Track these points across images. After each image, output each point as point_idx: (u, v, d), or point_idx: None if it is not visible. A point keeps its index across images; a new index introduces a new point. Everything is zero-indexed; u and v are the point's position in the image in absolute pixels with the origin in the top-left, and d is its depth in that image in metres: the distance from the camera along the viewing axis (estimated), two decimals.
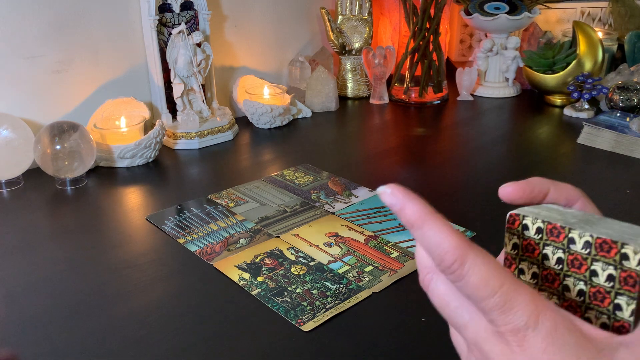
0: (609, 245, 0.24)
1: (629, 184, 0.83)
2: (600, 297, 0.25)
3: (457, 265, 0.23)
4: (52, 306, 0.57)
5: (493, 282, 0.23)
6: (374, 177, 0.88)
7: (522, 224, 0.28)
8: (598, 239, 0.25)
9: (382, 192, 0.26)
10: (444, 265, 0.24)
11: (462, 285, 0.24)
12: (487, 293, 0.23)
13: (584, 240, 0.25)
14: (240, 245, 0.68)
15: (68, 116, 0.96)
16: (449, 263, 0.24)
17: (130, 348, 0.51)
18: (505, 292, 0.23)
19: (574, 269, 0.26)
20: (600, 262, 0.25)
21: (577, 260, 0.26)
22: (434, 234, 0.24)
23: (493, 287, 0.23)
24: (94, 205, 0.80)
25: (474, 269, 0.23)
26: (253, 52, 1.21)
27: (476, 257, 0.24)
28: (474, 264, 0.23)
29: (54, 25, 0.92)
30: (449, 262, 0.24)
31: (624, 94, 1.06)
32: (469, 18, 1.27)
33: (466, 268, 0.23)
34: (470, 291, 0.24)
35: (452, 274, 0.24)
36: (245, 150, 1.01)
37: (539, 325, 0.23)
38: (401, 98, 1.27)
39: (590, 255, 0.25)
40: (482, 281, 0.23)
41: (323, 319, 0.54)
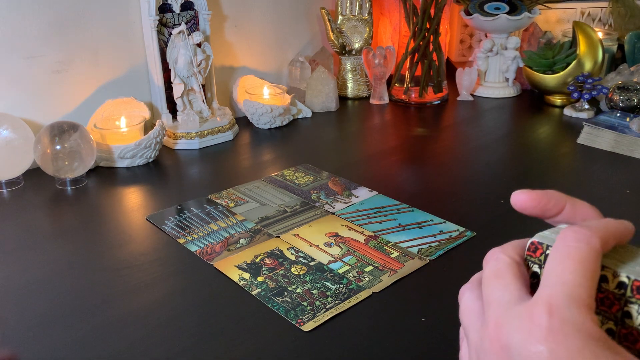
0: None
1: (629, 184, 0.83)
2: (632, 340, 0.24)
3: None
4: (52, 306, 0.57)
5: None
6: (374, 177, 0.88)
7: (546, 254, 0.26)
8: (636, 282, 0.24)
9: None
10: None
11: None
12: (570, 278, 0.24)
13: (617, 281, 0.24)
14: (241, 245, 0.68)
15: (68, 116, 0.96)
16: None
17: (130, 348, 0.51)
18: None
19: (603, 307, 0.25)
20: (636, 305, 0.24)
21: (608, 299, 0.25)
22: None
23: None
24: (94, 205, 0.80)
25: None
26: (253, 52, 1.21)
27: None
28: None
29: (54, 25, 0.92)
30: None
31: (624, 94, 1.06)
32: (469, 18, 1.27)
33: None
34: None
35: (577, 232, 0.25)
36: (245, 150, 1.01)
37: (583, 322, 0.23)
38: (401, 98, 1.27)
39: (624, 297, 0.24)
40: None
41: (323, 319, 0.54)
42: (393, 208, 0.76)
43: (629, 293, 0.24)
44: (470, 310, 0.28)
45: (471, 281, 0.30)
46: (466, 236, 0.69)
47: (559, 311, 0.22)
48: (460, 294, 0.29)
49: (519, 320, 0.23)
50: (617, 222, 0.27)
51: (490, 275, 0.27)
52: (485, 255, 0.28)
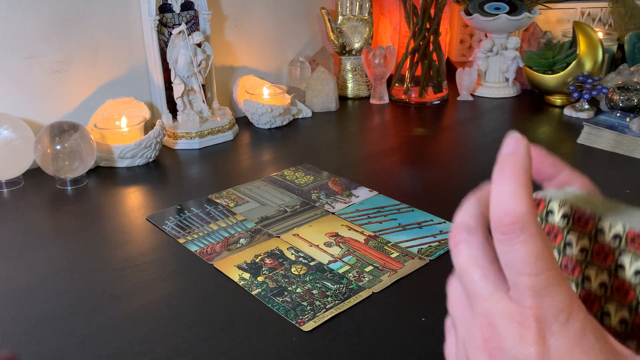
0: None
1: (629, 184, 0.83)
2: (624, 291, 0.24)
3: (518, 227, 0.22)
4: (52, 306, 0.57)
5: (543, 262, 0.22)
6: (374, 177, 0.88)
7: (548, 209, 0.26)
8: (631, 232, 0.24)
9: (511, 136, 0.25)
10: (503, 222, 0.22)
11: (510, 250, 0.22)
12: (532, 270, 0.22)
13: (614, 232, 0.24)
14: (241, 245, 0.68)
15: (68, 116, 0.96)
16: (510, 222, 0.22)
17: (131, 348, 0.51)
18: (550, 278, 0.22)
19: (599, 260, 0.25)
20: (629, 255, 0.24)
21: (603, 252, 0.25)
22: (514, 189, 0.22)
23: (541, 267, 0.22)
24: (94, 205, 0.80)
25: (531, 241, 0.22)
26: (253, 52, 1.21)
27: (537, 232, 0.22)
28: (533, 237, 0.22)
29: (54, 25, 0.92)
30: (510, 220, 0.22)
31: (624, 94, 1.06)
32: (469, 18, 1.27)
33: (523, 236, 0.22)
34: (516, 260, 0.22)
35: (505, 234, 0.22)
36: (245, 150, 1.01)
37: (569, 322, 0.22)
38: (401, 98, 1.27)
39: (618, 248, 0.24)
40: (533, 256, 0.22)
41: (323, 319, 0.54)
42: (393, 208, 0.76)
43: (624, 244, 0.24)
44: (457, 300, 0.27)
45: (461, 227, 0.28)
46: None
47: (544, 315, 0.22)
48: (448, 285, 0.28)
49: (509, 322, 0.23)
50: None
51: (465, 264, 0.25)
52: (450, 237, 0.26)
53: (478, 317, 0.24)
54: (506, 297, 0.23)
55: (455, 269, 0.26)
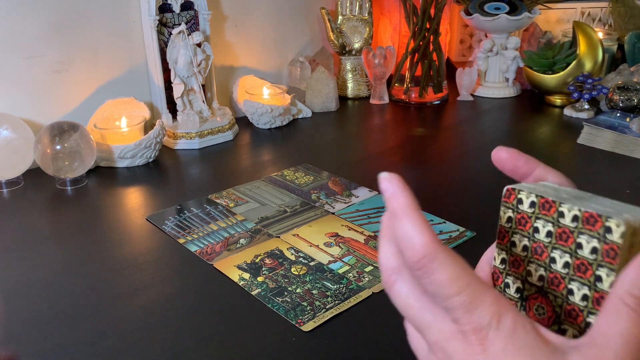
0: (594, 218, 0.25)
1: (629, 184, 0.83)
2: (583, 269, 0.26)
3: (427, 260, 0.24)
4: (52, 306, 0.57)
5: (460, 281, 0.24)
6: (374, 177, 0.87)
7: (517, 198, 0.29)
8: (585, 213, 0.25)
9: (382, 177, 0.27)
10: (414, 258, 0.24)
11: (430, 282, 0.24)
12: (453, 291, 0.24)
13: (572, 213, 0.26)
14: (241, 245, 0.68)
15: (68, 116, 0.96)
16: (419, 257, 0.24)
17: (131, 348, 0.51)
18: (472, 292, 0.24)
19: (561, 241, 0.27)
20: (585, 235, 0.25)
21: (564, 233, 0.26)
22: (411, 227, 0.25)
23: (460, 286, 0.24)
24: (94, 205, 0.80)
25: (443, 266, 0.24)
26: (253, 52, 1.21)
27: (446, 256, 0.24)
28: (443, 262, 0.24)
29: (54, 25, 0.92)
30: (419, 256, 0.24)
31: (624, 94, 1.06)
32: (469, 18, 1.27)
33: (435, 265, 0.24)
34: (437, 288, 0.24)
35: (421, 269, 0.24)
36: (245, 150, 1.01)
37: (500, 324, 0.24)
38: (401, 98, 1.27)
39: (577, 229, 0.26)
40: (450, 279, 0.24)
41: (323, 319, 0.54)
42: None
43: (580, 225, 0.26)
44: (414, 336, 0.29)
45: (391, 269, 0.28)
46: (466, 236, 0.69)
47: (479, 325, 0.24)
48: (388, 286, 0.28)
49: (457, 342, 0.25)
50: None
51: (403, 304, 0.27)
52: (383, 282, 0.28)
53: (431, 346, 0.26)
54: (445, 321, 0.25)
55: (398, 309, 0.27)
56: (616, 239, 0.24)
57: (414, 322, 0.27)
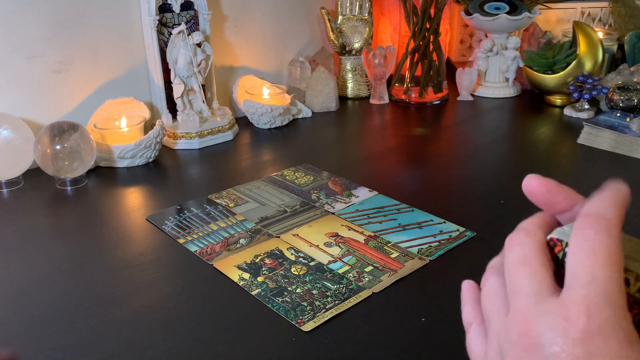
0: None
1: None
2: None
3: (602, 221, 0.24)
4: (52, 306, 0.57)
5: (617, 257, 0.23)
6: (374, 177, 0.88)
7: (564, 251, 0.25)
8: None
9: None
10: (589, 215, 0.24)
11: (586, 238, 0.23)
12: (605, 261, 0.23)
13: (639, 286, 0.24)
14: (240, 245, 0.68)
15: (68, 116, 0.96)
16: (596, 217, 0.24)
17: (131, 348, 0.51)
18: (617, 276, 0.23)
19: None
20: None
21: (627, 303, 0.24)
22: (608, 199, 0.25)
23: (613, 260, 0.23)
24: (94, 205, 0.80)
25: (611, 234, 0.23)
26: (253, 52, 1.21)
27: (618, 234, 0.23)
28: (614, 233, 0.23)
29: (54, 25, 0.92)
30: (595, 217, 0.24)
31: (624, 94, 1.06)
32: (469, 18, 1.27)
33: (605, 227, 0.23)
34: (591, 250, 0.23)
35: (588, 223, 0.24)
36: (245, 150, 1.01)
37: (620, 327, 0.22)
38: (401, 98, 1.27)
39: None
40: (609, 250, 0.23)
41: (323, 319, 0.54)
42: (393, 208, 0.76)
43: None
44: (494, 295, 0.26)
45: (493, 267, 0.28)
46: (466, 236, 0.69)
47: (597, 313, 0.22)
48: (484, 279, 0.28)
49: (552, 317, 0.22)
50: (619, 192, 0.26)
51: (515, 261, 0.25)
52: (508, 238, 0.26)
53: (515, 313, 0.24)
54: (551, 298, 0.23)
55: (507, 263, 0.26)
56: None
57: (515, 284, 0.25)
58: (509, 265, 0.25)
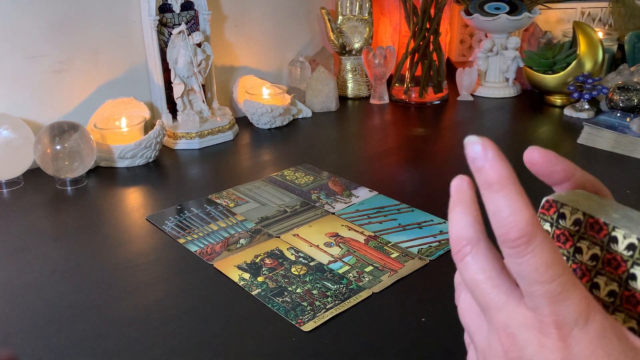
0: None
1: (629, 184, 0.83)
2: (634, 302, 0.24)
3: (524, 240, 0.22)
4: (52, 306, 0.57)
5: (554, 268, 0.22)
6: (374, 177, 0.88)
7: (559, 212, 0.26)
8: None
9: (469, 142, 0.24)
10: (510, 236, 0.22)
11: (521, 262, 0.22)
12: (545, 278, 0.22)
13: (628, 241, 0.24)
14: (241, 245, 0.68)
15: (68, 116, 0.96)
16: (517, 236, 0.22)
17: (131, 348, 0.51)
18: (564, 283, 0.22)
19: (610, 268, 0.25)
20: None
21: (615, 261, 0.24)
22: (512, 202, 0.22)
23: (553, 274, 0.22)
24: (94, 205, 0.80)
25: (540, 250, 0.22)
26: (253, 52, 1.21)
27: (544, 239, 0.22)
28: (541, 245, 0.22)
29: (54, 25, 0.92)
30: (517, 235, 0.22)
31: (624, 94, 1.06)
32: (469, 18, 1.27)
33: (532, 247, 0.22)
34: (528, 271, 0.22)
35: (515, 248, 0.22)
36: (245, 150, 1.01)
37: (588, 324, 0.22)
38: (401, 98, 1.27)
39: (632, 258, 0.24)
40: (544, 264, 0.22)
41: (323, 319, 0.54)
42: (393, 208, 0.76)
43: (637, 255, 0.23)
44: (470, 311, 0.27)
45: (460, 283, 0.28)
46: None
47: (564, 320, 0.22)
48: (457, 295, 0.28)
49: (528, 330, 0.23)
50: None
51: (474, 278, 0.25)
52: (453, 252, 0.26)
53: (495, 329, 0.24)
54: (521, 305, 0.23)
55: (465, 282, 0.26)
56: None
57: (482, 300, 0.25)
58: (469, 282, 0.25)
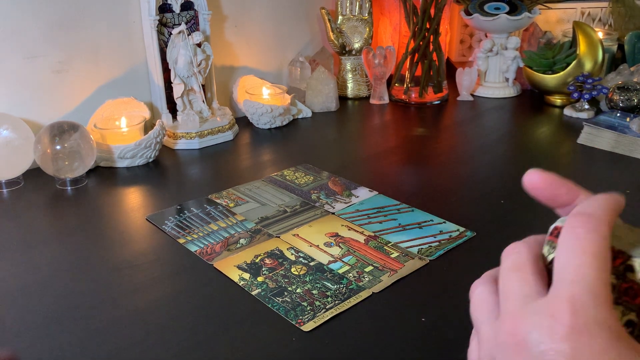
0: None
1: (629, 184, 0.83)
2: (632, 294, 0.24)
3: (591, 220, 0.24)
4: (52, 306, 0.57)
5: (603, 261, 0.23)
6: (374, 177, 0.88)
7: None
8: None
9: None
10: (580, 214, 0.24)
11: (576, 238, 0.24)
12: (593, 263, 0.23)
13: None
14: (241, 245, 0.68)
15: (68, 116, 0.96)
16: (586, 215, 0.24)
17: (130, 348, 0.51)
18: (603, 278, 0.23)
19: (628, 297, 0.24)
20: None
21: (632, 290, 0.24)
22: (596, 200, 0.25)
23: (599, 265, 0.23)
24: (94, 205, 0.80)
25: (598, 237, 0.24)
26: (253, 52, 1.21)
27: (607, 236, 0.24)
28: (601, 235, 0.24)
29: (54, 25, 0.92)
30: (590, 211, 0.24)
31: (624, 94, 1.06)
32: (469, 18, 1.27)
33: (593, 227, 0.24)
34: (578, 253, 0.24)
35: (578, 222, 0.24)
36: (245, 150, 1.01)
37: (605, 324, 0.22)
38: (401, 98, 1.27)
39: None
40: (597, 251, 0.23)
41: (323, 319, 0.54)
42: (393, 208, 0.76)
43: None
44: (483, 303, 0.27)
45: (484, 276, 0.29)
46: (466, 236, 0.69)
47: (583, 310, 0.22)
48: (472, 288, 0.28)
49: (539, 316, 0.23)
50: (612, 197, 0.26)
51: (510, 267, 0.26)
52: (505, 249, 0.27)
53: (505, 315, 0.24)
54: (539, 299, 0.23)
55: (500, 272, 0.26)
56: None
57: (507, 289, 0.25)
58: (504, 271, 0.26)
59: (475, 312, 0.28)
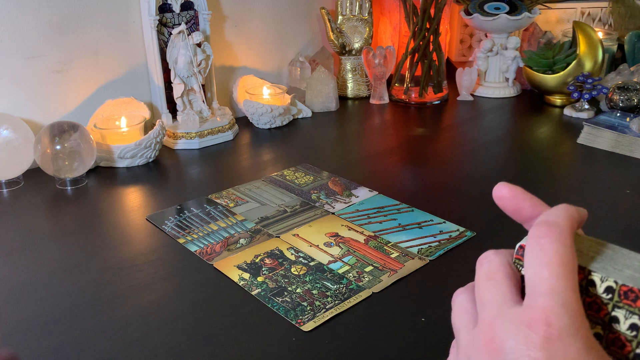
0: (635, 294, 0.23)
1: (629, 184, 0.83)
2: (619, 344, 0.24)
3: (553, 231, 0.25)
4: (52, 306, 0.57)
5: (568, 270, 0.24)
6: (374, 177, 0.88)
7: None
8: (623, 287, 0.24)
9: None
10: (542, 225, 0.25)
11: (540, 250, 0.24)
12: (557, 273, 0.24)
13: (606, 285, 0.24)
14: (240, 245, 0.68)
15: (68, 116, 0.96)
16: (547, 225, 0.25)
17: (130, 348, 0.51)
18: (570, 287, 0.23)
19: (591, 312, 0.25)
20: (623, 310, 0.24)
21: (595, 304, 0.25)
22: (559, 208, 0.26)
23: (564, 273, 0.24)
24: (94, 205, 0.80)
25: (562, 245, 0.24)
26: (253, 52, 1.21)
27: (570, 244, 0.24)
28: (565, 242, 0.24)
29: (54, 25, 0.92)
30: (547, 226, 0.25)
31: (624, 94, 1.06)
32: (469, 18, 1.27)
33: (555, 237, 0.25)
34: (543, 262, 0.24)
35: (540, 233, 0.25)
36: (245, 150, 1.01)
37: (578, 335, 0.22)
38: (401, 98, 1.27)
39: (612, 302, 0.24)
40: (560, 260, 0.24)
41: (323, 319, 0.54)
42: (393, 208, 0.76)
43: (617, 298, 0.24)
44: (463, 311, 0.28)
45: (467, 286, 0.30)
46: (466, 236, 0.69)
47: (557, 321, 0.22)
48: (454, 297, 0.29)
49: (515, 324, 0.23)
50: (573, 207, 0.27)
51: (483, 276, 0.27)
52: (479, 258, 0.28)
53: (482, 322, 0.25)
54: (515, 306, 0.24)
55: (475, 282, 0.27)
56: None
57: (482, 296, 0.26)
58: (478, 280, 0.27)
59: (456, 319, 0.29)
